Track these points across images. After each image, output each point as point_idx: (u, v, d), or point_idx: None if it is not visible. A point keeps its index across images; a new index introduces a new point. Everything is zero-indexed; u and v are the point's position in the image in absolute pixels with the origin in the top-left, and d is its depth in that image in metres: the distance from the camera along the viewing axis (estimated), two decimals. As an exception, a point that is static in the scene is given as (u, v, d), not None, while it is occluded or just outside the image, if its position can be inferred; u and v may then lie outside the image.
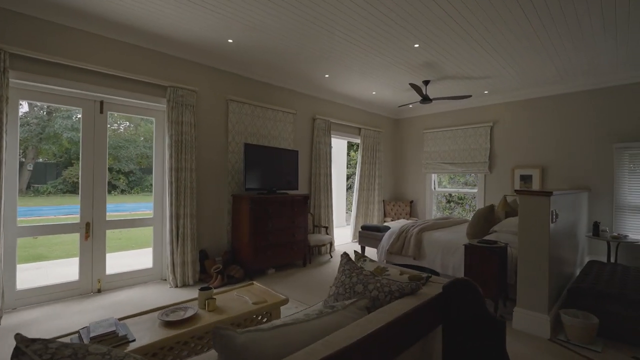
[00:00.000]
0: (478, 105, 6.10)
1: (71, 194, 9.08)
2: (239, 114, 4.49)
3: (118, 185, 10.29)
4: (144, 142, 10.78)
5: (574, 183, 5.02)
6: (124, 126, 10.71)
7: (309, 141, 5.52)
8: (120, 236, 7.21)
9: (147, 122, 10.04)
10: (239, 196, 4.14)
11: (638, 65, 4.23)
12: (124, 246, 6.33)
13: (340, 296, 1.66)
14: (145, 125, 10.83)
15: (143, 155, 11.34)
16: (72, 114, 8.09)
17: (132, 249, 5.85)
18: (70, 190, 9.31)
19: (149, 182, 11.51)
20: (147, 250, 5.49)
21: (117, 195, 10.16)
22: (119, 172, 10.46)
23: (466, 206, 10.38)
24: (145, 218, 3.85)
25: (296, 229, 4.53)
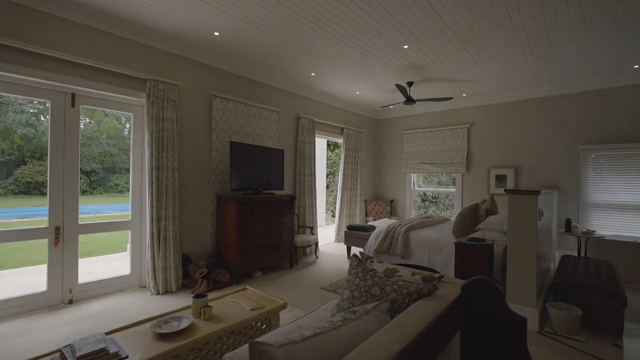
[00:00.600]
0: (456, 108, 6.32)
1: (24, 195, 8.31)
2: (222, 110, 4.30)
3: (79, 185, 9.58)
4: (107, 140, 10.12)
5: (544, 182, 5.34)
6: (84, 122, 10.03)
7: (293, 140, 5.42)
8: (87, 240, 6.66)
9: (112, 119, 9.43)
10: (224, 197, 3.96)
11: (599, 76, 4.57)
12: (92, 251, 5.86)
13: (356, 300, 1.60)
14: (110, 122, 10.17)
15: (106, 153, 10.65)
16: (26, 108, 7.39)
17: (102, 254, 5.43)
18: (23, 192, 8.52)
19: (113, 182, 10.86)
20: (119, 256, 5.12)
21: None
22: (80, 171, 9.76)
23: (440, 205, 10.78)
24: (123, 221, 3.56)
25: (283, 230, 4.42)
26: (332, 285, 3.81)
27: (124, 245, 6.22)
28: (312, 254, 5.32)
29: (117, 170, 10.38)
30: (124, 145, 9.50)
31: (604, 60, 4.10)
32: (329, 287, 3.75)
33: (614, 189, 4.77)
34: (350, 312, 1.40)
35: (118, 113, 6.13)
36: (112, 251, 5.81)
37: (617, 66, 4.29)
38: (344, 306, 1.64)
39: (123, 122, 9.66)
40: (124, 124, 9.82)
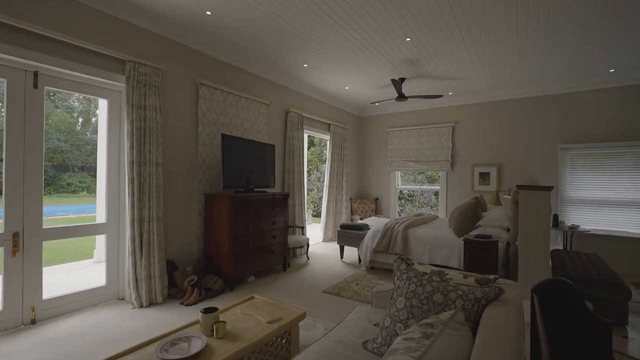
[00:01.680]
0: (441, 106, 6.39)
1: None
2: (210, 100, 3.90)
3: (43, 183, 8.57)
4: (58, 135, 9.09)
5: (525, 180, 5.55)
6: (32, 113, 8.90)
7: (281, 135, 5.12)
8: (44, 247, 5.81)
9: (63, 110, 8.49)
10: (214, 195, 3.59)
11: (577, 79, 4.81)
12: (49, 260, 5.10)
13: (416, 309, 1.41)
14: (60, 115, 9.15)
15: (56, 149, 9.57)
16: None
17: (62, 262, 4.74)
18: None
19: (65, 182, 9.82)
20: (83, 264, 4.50)
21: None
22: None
23: (416, 202, 10.99)
24: (96, 224, 3.07)
25: (277, 230, 4.12)
26: (335, 288, 3.60)
27: (89, 251, 5.51)
28: (303, 255, 5.07)
29: (70, 168, 9.34)
30: (77, 141, 8.58)
31: (583, 64, 4.29)
32: (332, 290, 3.53)
33: (589, 186, 5.06)
34: (426, 326, 1.20)
35: (89, 99, 5.52)
36: (73, 258, 5.11)
37: (594, 70, 4.53)
38: (400, 317, 1.44)
39: (76, 116, 8.76)
40: (76, 118, 8.90)
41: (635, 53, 3.95)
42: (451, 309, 1.37)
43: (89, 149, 9.78)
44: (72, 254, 5.51)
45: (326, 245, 5.91)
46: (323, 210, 6.15)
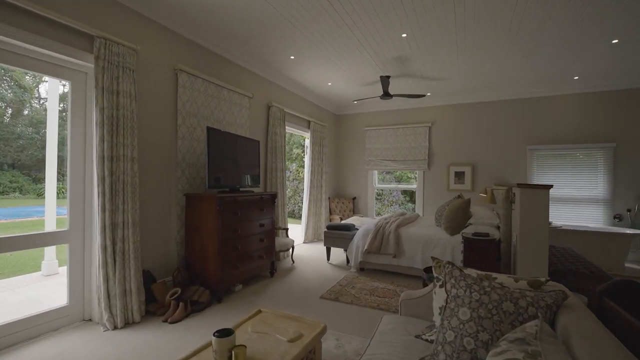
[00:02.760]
0: (418, 107, 6.49)
1: None
2: (190, 90, 3.48)
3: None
4: (-27, 126, 7.84)
5: (497, 179, 5.83)
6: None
7: (264, 131, 4.80)
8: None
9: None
10: (198, 196, 3.19)
11: (543, 85, 5.15)
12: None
13: (486, 320, 1.27)
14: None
15: (-26, 143, 8.26)
16: None
17: (3, 278, 3.95)
18: None
19: (-16, 181, 8.57)
20: (30, 278, 3.80)
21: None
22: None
23: (385, 201, 11.18)
24: (54, 233, 2.54)
25: (265, 233, 3.82)
26: (331, 293, 3.40)
27: (34, 262, 4.68)
28: (287, 258, 4.80)
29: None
30: (5, 134, 7.47)
31: (551, 71, 4.59)
32: (329, 295, 3.33)
33: (554, 184, 5.44)
34: (519, 342, 1.06)
35: (23, 86, 4.88)
36: (14, 272, 4.30)
37: (561, 76, 4.86)
38: (468, 330, 1.29)
39: (4, 107, 7.64)
40: (4, 109, 7.77)
41: (597, 63, 4.28)
42: (524, 318, 1.25)
43: (22, 144, 8.46)
44: (12, 266, 4.65)
45: (308, 247, 5.68)
46: (304, 211, 5.92)
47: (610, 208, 5.10)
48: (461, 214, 3.84)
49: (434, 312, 1.70)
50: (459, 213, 3.85)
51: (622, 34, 3.48)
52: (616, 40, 3.64)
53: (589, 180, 5.26)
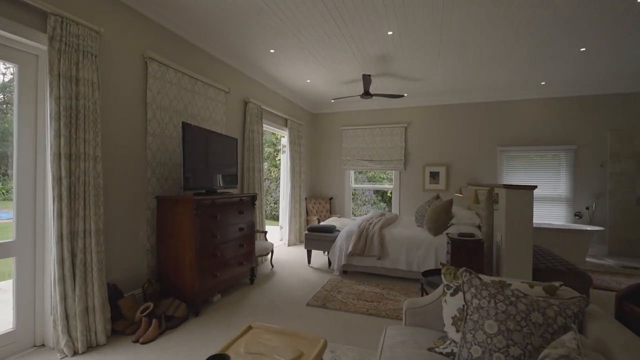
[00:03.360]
0: (394, 107, 6.52)
1: None
2: (161, 81, 3.14)
3: None
4: None
5: (470, 179, 6.01)
6: None
7: (240, 128, 4.52)
8: None
9: None
10: (172, 199, 2.88)
11: (511, 88, 5.39)
12: None
13: (516, 333, 1.18)
14: None
15: None
16: None
17: None
18: None
19: None
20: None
21: None
22: None
23: (358, 201, 11.22)
24: (-3, 243, 2.13)
25: (245, 238, 3.57)
26: (317, 299, 3.25)
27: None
28: (265, 262, 4.56)
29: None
30: None
31: (520, 75, 4.79)
32: (315, 302, 3.18)
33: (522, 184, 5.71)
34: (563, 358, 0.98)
35: None
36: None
37: (529, 81, 5.11)
38: (497, 345, 1.20)
39: None
40: None
41: (564, 70, 4.53)
42: (554, 329, 1.18)
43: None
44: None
45: (287, 250, 5.47)
46: (285, 212, 5.70)
47: (572, 206, 5.45)
48: (444, 215, 3.86)
49: (445, 321, 1.61)
50: (442, 213, 3.87)
51: (590, 42, 3.68)
52: (584, 48, 3.85)
53: (552, 180, 5.59)
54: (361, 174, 9.77)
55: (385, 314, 2.91)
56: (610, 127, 5.26)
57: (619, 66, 4.41)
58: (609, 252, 5.22)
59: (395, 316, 2.87)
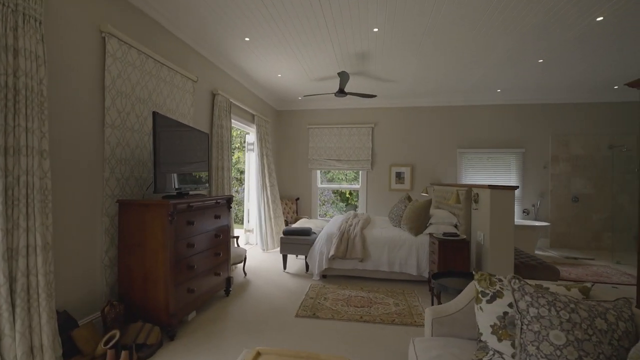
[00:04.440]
0: (361, 107, 6.53)
1: None
2: (123, 62, 2.64)
3: None
4: None
5: (433, 179, 6.27)
6: None
7: (208, 122, 4.07)
8: None
9: None
10: (140, 203, 2.42)
11: (471, 94, 5.75)
12: None
13: (586, 343, 1.13)
14: None
15: None
16: None
17: None
18: None
19: None
20: None
21: None
22: None
23: (317, 201, 11.10)
24: None
25: (221, 245, 3.19)
26: (305, 309, 3.02)
27: None
28: (236, 270, 4.17)
29: None
30: None
31: (480, 81, 5.12)
32: (304, 312, 2.95)
33: (478, 183, 6.12)
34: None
35: None
36: None
37: (487, 88, 5.48)
38: (569, 357, 1.12)
39: None
40: None
41: (519, 79, 4.93)
42: (619, 335, 1.15)
43: None
44: None
45: (258, 255, 5.10)
46: (261, 215, 5.30)
47: (520, 204, 5.99)
48: (424, 215, 3.90)
49: (482, 330, 1.53)
50: (422, 213, 3.91)
51: (548, 54, 4.01)
52: (542, 60, 4.20)
53: (504, 180, 6.08)
54: (322, 173, 9.70)
55: (380, 320, 2.80)
56: (551, 133, 5.89)
57: (563, 78, 4.93)
58: (551, 245, 5.83)
59: (390, 321, 2.78)
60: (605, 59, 4.13)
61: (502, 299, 1.51)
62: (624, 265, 4.74)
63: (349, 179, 7.95)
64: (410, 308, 3.08)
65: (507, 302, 1.49)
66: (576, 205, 5.79)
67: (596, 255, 5.33)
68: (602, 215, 5.71)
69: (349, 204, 8.97)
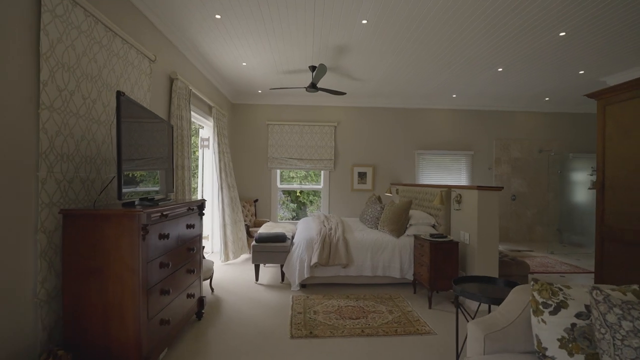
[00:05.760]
0: (324, 105, 6.32)
1: None
2: (64, 22, 1.95)
3: None
4: None
5: (393, 179, 6.38)
6: None
7: (165, 111, 3.41)
8: None
9: None
10: (98, 215, 1.79)
11: (429, 98, 6.01)
12: None
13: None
14: None
15: None
16: None
17: None
18: None
19: None
20: None
21: None
22: None
23: (278, 203, 10.59)
24: None
25: (195, 261, 2.64)
26: (298, 328, 2.67)
27: None
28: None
29: None
30: None
31: (438, 86, 5.35)
32: (299, 332, 2.60)
33: (433, 183, 6.42)
34: None
35: None
36: None
37: (444, 93, 5.76)
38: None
39: None
40: None
41: (474, 86, 5.28)
42: None
43: None
44: None
45: (226, 267, 4.49)
46: (221, 221, 4.65)
47: (470, 202, 6.44)
48: (405, 216, 3.85)
49: (546, 344, 1.42)
50: (403, 215, 3.85)
51: (508, 64, 4.32)
52: (501, 68, 4.51)
53: (455, 180, 6.49)
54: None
55: (383, 332, 2.61)
56: (495, 137, 6.47)
57: (510, 88, 5.41)
58: (495, 239, 6.40)
59: (393, 332, 2.61)
60: (548, 73, 4.62)
61: (567, 309, 1.42)
62: (557, 255, 5.41)
63: (299, 177, 7.61)
64: (405, 314, 2.96)
65: (573, 312, 1.41)
66: (514, 203, 6.46)
67: (531, 247, 6.01)
68: (534, 211, 6.48)
69: (300, 203, 8.69)
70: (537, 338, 1.47)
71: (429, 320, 2.83)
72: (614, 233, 3.03)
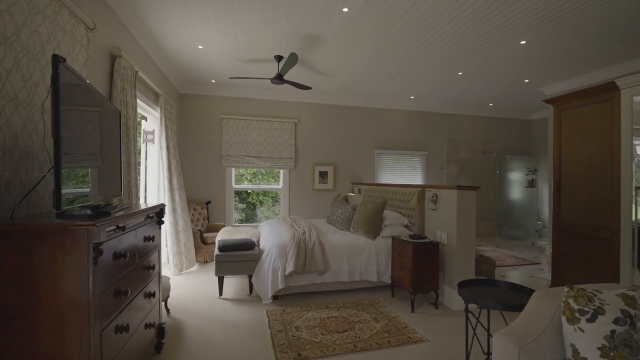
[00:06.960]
0: (283, 100, 5.97)
1: None
2: (-38, -49, 1.33)
3: None
4: None
5: (354, 178, 6.31)
6: None
7: (105, 95, 2.74)
8: None
9: None
10: (22, 232, 1.24)
11: (387, 98, 6.08)
12: None
13: None
14: None
15: None
16: None
17: None
18: None
19: None
20: None
21: None
22: None
23: (233, 205, 9.81)
24: None
25: (154, 281, 2.12)
26: (285, 350, 2.33)
27: None
28: (153, 308, 2.97)
29: None
30: None
31: (399, 87, 5.43)
32: (286, 356, 2.26)
33: (391, 182, 6.52)
34: None
35: None
36: None
37: (402, 94, 5.85)
38: None
39: None
40: None
41: (433, 89, 5.45)
42: None
43: None
44: None
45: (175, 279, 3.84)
46: (176, 227, 3.96)
47: (425, 201, 6.68)
48: (379, 217, 3.73)
49: (585, 354, 1.35)
50: (378, 216, 3.73)
51: (468, 69, 4.50)
52: (461, 72, 4.69)
53: (411, 179, 6.67)
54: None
55: (377, 344, 2.42)
56: (446, 139, 6.81)
57: (463, 93, 5.71)
58: (446, 235, 6.74)
59: (387, 343, 2.43)
60: (500, 79, 4.94)
61: (604, 315, 1.36)
62: (502, 249, 5.87)
63: (249, 173, 7.06)
64: (391, 321, 2.81)
65: (610, 318, 1.35)
66: (462, 201, 6.88)
67: (479, 241, 6.45)
68: (479, 208, 6.98)
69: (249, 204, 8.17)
70: (573, 347, 1.39)
71: (417, 326, 2.72)
72: (569, 228, 3.28)
